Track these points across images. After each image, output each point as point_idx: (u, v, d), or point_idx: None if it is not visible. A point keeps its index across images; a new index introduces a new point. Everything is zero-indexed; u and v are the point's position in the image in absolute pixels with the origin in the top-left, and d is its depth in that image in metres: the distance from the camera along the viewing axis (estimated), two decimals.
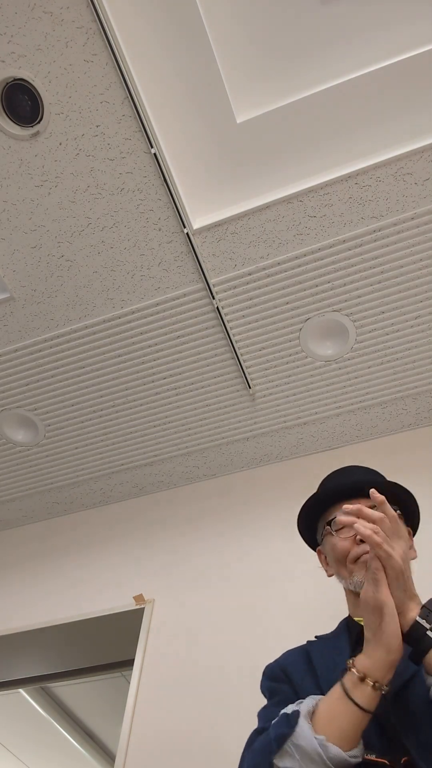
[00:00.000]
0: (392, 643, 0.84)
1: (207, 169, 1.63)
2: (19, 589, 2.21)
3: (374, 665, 0.84)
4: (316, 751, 0.79)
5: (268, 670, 1.09)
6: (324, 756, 0.78)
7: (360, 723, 0.82)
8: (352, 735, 0.81)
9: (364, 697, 0.82)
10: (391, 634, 0.84)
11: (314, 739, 0.80)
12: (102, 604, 1.99)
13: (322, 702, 0.86)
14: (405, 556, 0.89)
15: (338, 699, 0.84)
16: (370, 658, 0.84)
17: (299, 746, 0.80)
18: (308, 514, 1.22)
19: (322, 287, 1.78)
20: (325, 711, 0.84)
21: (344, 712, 0.82)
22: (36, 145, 1.52)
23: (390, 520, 0.89)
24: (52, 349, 1.93)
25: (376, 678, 0.83)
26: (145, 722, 1.61)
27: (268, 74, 1.50)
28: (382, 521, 0.88)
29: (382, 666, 0.83)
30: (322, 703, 0.86)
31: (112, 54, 1.36)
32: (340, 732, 0.81)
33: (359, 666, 0.84)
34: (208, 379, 1.98)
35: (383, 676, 0.83)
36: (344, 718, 0.82)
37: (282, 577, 1.80)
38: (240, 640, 1.69)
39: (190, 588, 1.90)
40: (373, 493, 0.91)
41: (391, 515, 0.90)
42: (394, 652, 0.84)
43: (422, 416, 2.06)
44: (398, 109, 1.53)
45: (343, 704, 0.83)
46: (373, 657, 0.84)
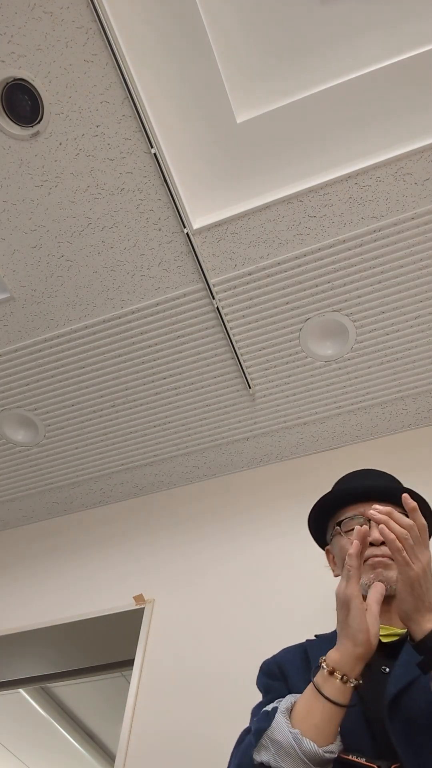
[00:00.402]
0: (358, 636, 0.85)
1: (207, 169, 1.63)
2: (19, 589, 2.21)
3: (342, 659, 0.85)
4: (290, 744, 0.80)
5: (264, 666, 1.10)
6: (298, 749, 0.79)
7: (332, 717, 0.83)
8: (326, 730, 0.82)
9: (334, 691, 0.83)
10: (357, 628, 0.85)
11: (289, 733, 0.81)
12: (102, 604, 1.99)
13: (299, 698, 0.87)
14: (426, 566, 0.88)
15: (311, 694, 0.85)
16: (338, 652, 0.86)
17: (274, 740, 0.82)
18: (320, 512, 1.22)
19: (322, 287, 1.78)
20: (301, 707, 0.85)
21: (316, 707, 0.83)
22: (36, 145, 1.52)
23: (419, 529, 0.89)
24: (52, 349, 1.93)
25: (344, 671, 0.84)
26: (145, 722, 1.61)
27: (268, 74, 1.50)
28: (411, 529, 0.88)
29: (350, 659, 0.84)
30: (299, 699, 0.87)
31: (112, 54, 1.36)
32: (314, 727, 0.82)
33: (329, 660, 0.86)
34: (208, 379, 1.98)
35: (351, 668, 0.84)
36: (317, 713, 0.83)
37: (282, 577, 1.80)
38: (240, 639, 1.69)
39: (190, 588, 1.90)
40: (406, 499, 0.92)
41: (421, 524, 0.90)
42: (360, 644, 0.84)
43: (422, 416, 2.06)
44: (398, 109, 1.53)
45: (315, 699, 0.84)
46: (340, 650, 0.86)
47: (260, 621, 1.72)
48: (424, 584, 0.87)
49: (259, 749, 0.83)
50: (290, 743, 0.80)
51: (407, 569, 0.86)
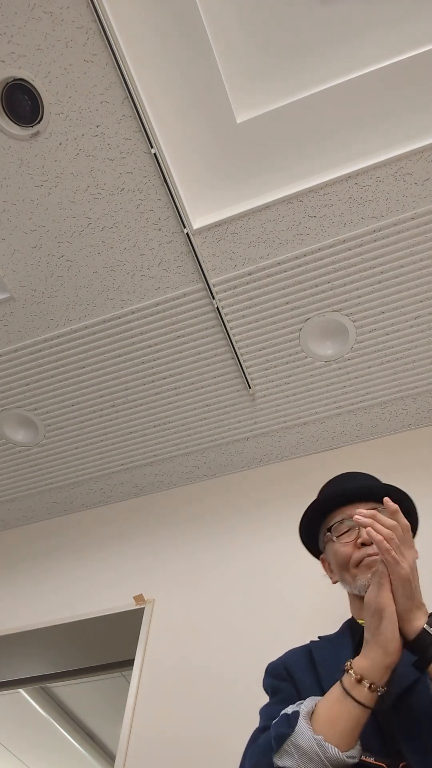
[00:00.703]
0: (390, 645, 0.85)
1: (207, 170, 1.63)
2: (19, 589, 2.21)
3: (372, 667, 0.84)
4: (314, 750, 0.80)
5: (270, 668, 1.10)
6: (322, 756, 0.79)
7: (357, 723, 0.83)
8: (349, 735, 0.82)
9: (362, 698, 0.83)
10: (390, 637, 0.85)
11: (313, 739, 0.81)
12: (102, 604, 1.99)
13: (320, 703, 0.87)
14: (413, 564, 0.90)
15: (336, 699, 0.85)
16: (367, 660, 0.85)
17: (298, 746, 0.81)
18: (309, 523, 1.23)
19: (322, 287, 1.78)
20: (324, 711, 0.85)
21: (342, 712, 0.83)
22: (36, 145, 1.52)
23: (402, 529, 0.90)
24: (52, 349, 1.93)
25: (372, 680, 0.84)
26: (145, 722, 1.61)
27: (268, 74, 1.50)
28: (395, 529, 0.89)
29: (380, 668, 0.84)
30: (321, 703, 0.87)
31: (112, 54, 1.36)
32: (338, 732, 0.82)
33: (357, 667, 0.85)
34: (208, 379, 1.98)
35: (380, 677, 0.84)
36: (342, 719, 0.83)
37: (282, 576, 1.80)
38: (240, 639, 1.69)
39: (190, 588, 1.90)
40: (387, 502, 0.93)
41: (404, 524, 0.91)
42: (391, 654, 0.84)
43: (422, 416, 2.06)
44: (398, 109, 1.53)
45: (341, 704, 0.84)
46: (370, 658, 0.85)
47: (260, 621, 1.72)
48: (413, 582, 0.88)
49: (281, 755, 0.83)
50: (314, 750, 0.80)
51: (397, 568, 0.87)
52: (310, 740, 0.81)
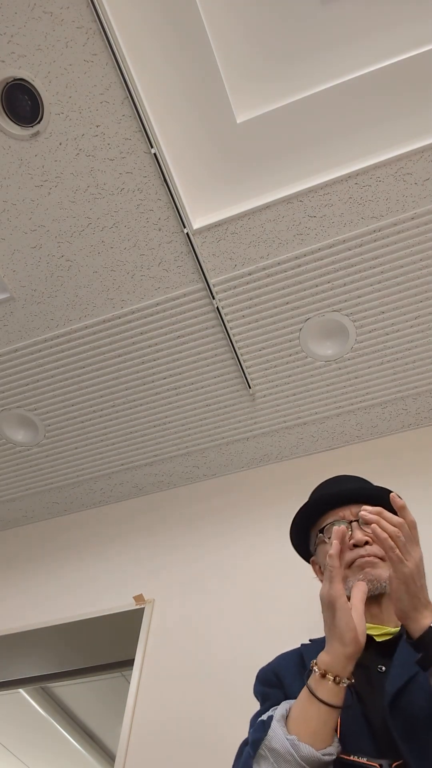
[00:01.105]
0: (345, 635, 0.85)
1: (207, 169, 1.63)
2: (19, 589, 2.21)
3: (332, 660, 0.85)
4: (288, 751, 0.80)
5: (261, 674, 1.10)
6: (296, 755, 0.79)
7: (328, 720, 0.83)
8: (323, 733, 0.82)
9: (328, 693, 0.83)
10: (344, 628, 0.85)
11: (286, 739, 0.81)
12: (102, 604, 1.99)
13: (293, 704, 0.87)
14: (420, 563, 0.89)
15: (305, 698, 0.85)
16: (328, 654, 0.86)
17: (272, 748, 0.82)
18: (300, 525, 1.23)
19: (322, 287, 1.78)
20: (296, 712, 0.85)
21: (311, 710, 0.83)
22: (36, 145, 1.52)
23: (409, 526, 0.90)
24: (52, 349, 1.93)
25: (336, 672, 0.84)
26: (145, 722, 1.61)
27: (268, 74, 1.50)
28: (402, 526, 0.89)
29: (340, 659, 0.85)
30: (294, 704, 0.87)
31: (112, 54, 1.36)
32: (311, 731, 0.82)
33: (320, 662, 0.86)
34: (208, 379, 1.98)
35: (342, 668, 0.84)
36: (312, 717, 0.83)
37: (282, 576, 1.80)
38: (240, 639, 1.69)
39: (190, 588, 1.90)
40: (394, 498, 0.92)
41: (410, 521, 0.91)
42: (349, 644, 0.85)
43: (422, 416, 2.06)
44: (398, 109, 1.53)
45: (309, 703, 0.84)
46: (330, 652, 0.86)
47: (260, 621, 1.72)
48: (419, 581, 0.88)
49: (258, 760, 0.83)
50: (288, 750, 0.80)
51: (401, 566, 0.87)
52: (283, 741, 0.81)
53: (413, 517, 0.91)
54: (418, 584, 0.88)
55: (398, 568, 0.87)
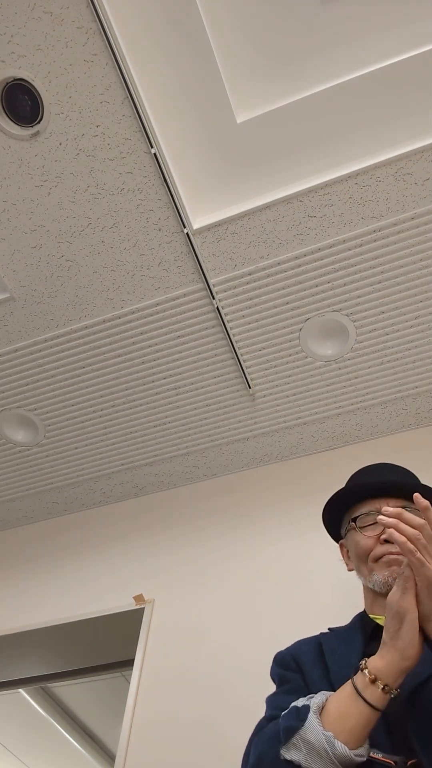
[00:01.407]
0: (408, 650, 0.84)
1: (207, 169, 1.63)
2: (19, 589, 2.21)
3: (387, 669, 0.84)
4: (323, 746, 0.79)
5: (278, 657, 1.09)
6: (330, 752, 0.79)
7: (368, 722, 0.82)
8: (359, 733, 0.82)
9: (374, 698, 0.83)
10: (408, 642, 0.84)
11: (322, 734, 0.81)
12: (102, 604, 1.99)
13: (332, 699, 0.86)
14: None
15: (348, 697, 0.84)
16: (384, 661, 0.85)
17: (307, 740, 0.81)
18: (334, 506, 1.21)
19: (322, 287, 1.78)
20: (335, 708, 0.84)
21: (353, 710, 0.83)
22: (36, 145, 1.52)
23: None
24: (52, 349, 1.93)
25: (387, 681, 0.83)
26: (145, 722, 1.61)
27: (268, 74, 1.50)
28: (423, 528, 0.86)
29: (395, 671, 0.84)
30: (332, 700, 0.86)
31: (112, 54, 1.36)
32: (348, 730, 0.81)
33: (372, 667, 0.85)
34: (208, 379, 1.98)
35: (394, 680, 0.84)
36: (353, 717, 0.82)
37: (282, 576, 1.80)
38: (240, 639, 1.69)
39: (190, 588, 1.90)
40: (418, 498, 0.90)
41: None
42: (408, 659, 0.84)
43: (422, 416, 2.06)
44: (398, 109, 1.53)
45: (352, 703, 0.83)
46: (386, 660, 0.85)
47: (260, 620, 1.72)
48: None
49: (289, 748, 0.83)
50: (323, 745, 0.79)
51: (423, 570, 0.84)
52: (319, 736, 0.81)
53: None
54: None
55: (420, 572, 0.85)
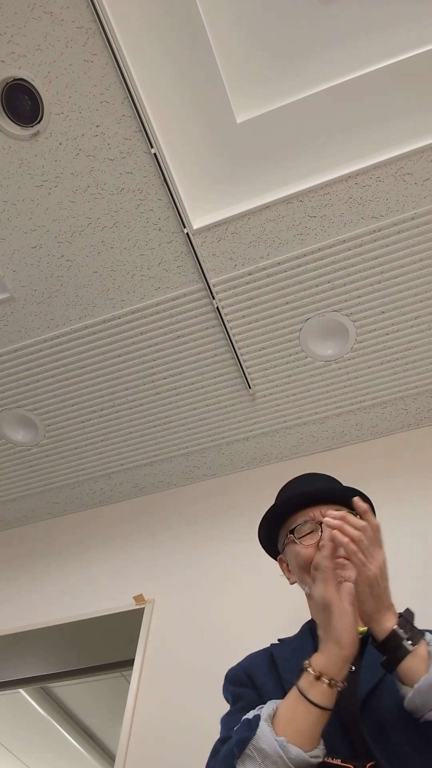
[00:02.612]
0: (343, 638, 0.85)
1: (207, 169, 1.63)
2: (19, 589, 2.21)
3: (328, 662, 0.85)
4: (277, 752, 0.79)
5: (230, 674, 1.09)
6: (285, 757, 0.79)
7: (318, 722, 0.83)
8: (311, 735, 0.82)
9: (320, 695, 0.83)
10: (341, 631, 0.85)
11: (275, 740, 0.80)
12: (102, 604, 1.99)
13: (281, 704, 0.86)
14: (383, 565, 0.90)
15: (296, 700, 0.84)
16: (324, 656, 0.86)
17: (260, 749, 0.81)
18: (269, 524, 1.23)
19: (322, 287, 1.78)
20: (285, 713, 0.84)
21: (302, 712, 0.83)
22: (36, 145, 1.52)
23: (372, 529, 0.91)
24: (52, 349, 1.93)
25: (331, 675, 0.84)
26: (145, 722, 1.61)
27: (268, 74, 1.50)
28: (365, 530, 0.90)
29: (337, 662, 0.85)
30: (282, 705, 0.86)
31: (112, 54, 1.36)
32: (300, 732, 0.81)
33: (314, 664, 0.86)
34: (208, 379, 1.98)
35: (338, 672, 0.84)
36: (302, 718, 0.82)
37: (282, 576, 1.80)
38: (240, 639, 1.69)
39: (190, 588, 1.90)
40: (358, 502, 0.93)
41: (374, 525, 0.92)
42: (346, 647, 0.85)
43: (422, 416, 2.06)
44: (398, 109, 1.53)
45: (300, 705, 0.84)
46: (326, 654, 0.86)
47: (260, 620, 1.72)
48: (382, 583, 0.89)
49: (244, 760, 0.82)
50: (277, 752, 0.79)
51: (365, 570, 0.88)
52: (272, 742, 0.80)
53: (377, 521, 0.92)
54: (381, 586, 0.89)
55: (362, 571, 0.88)
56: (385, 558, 0.91)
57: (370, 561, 0.88)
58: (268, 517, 1.23)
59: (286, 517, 1.21)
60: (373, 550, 0.90)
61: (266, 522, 1.24)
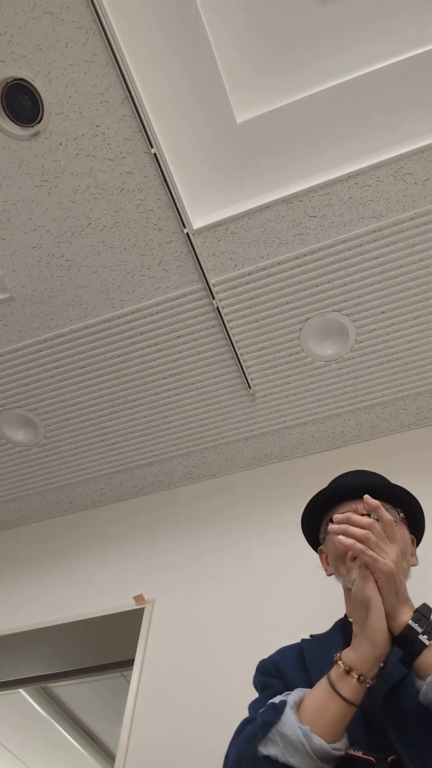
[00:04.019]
0: (377, 637, 0.85)
1: (207, 169, 1.63)
2: (19, 589, 2.21)
3: (360, 659, 0.85)
4: (300, 740, 0.80)
5: (261, 665, 1.10)
6: (307, 745, 0.79)
7: (344, 715, 0.83)
8: (336, 727, 0.82)
9: (349, 690, 0.83)
10: (377, 629, 0.85)
11: (299, 728, 0.81)
12: (102, 604, 1.99)
13: (308, 694, 0.87)
14: (397, 560, 0.89)
15: (324, 691, 0.85)
16: (356, 652, 0.86)
17: (284, 735, 0.82)
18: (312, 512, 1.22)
19: (322, 287, 1.78)
20: (311, 702, 0.85)
21: (329, 704, 0.83)
22: (36, 145, 1.52)
23: (384, 525, 0.90)
24: (52, 349, 1.93)
25: (361, 671, 0.84)
26: (145, 722, 1.61)
27: (269, 74, 1.50)
28: (372, 527, 0.89)
29: (368, 660, 0.84)
30: (309, 695, 0.87)
31: (112, 54, 1.36)
32: (325, 723, 0.82)
33: (345, 659, 0.86)
34: (208, 379, 1.98)
35: (369, 669, 0.84)
36: (329, 710, 0.83)
37: (282, 576, 1.80)
38: (240, 639, 1.69)
39: (190, 588, 1.90)
40: (367, 499, 0.93)
41: (386, 520, 0.91)
42: (379, 646, 0.85)
43: (422, 416, 2.06)
44: (398, 108, 1.53)
45: (328, 696, 0.84)
46: (359, 650, 0.86)
47: (260, 621, 1.72)
48: (397, 577, 0.88)
49: (266, 743, 0.83)
50: (300, 739, 0.80)
51: (378, 565, 0.87)
52: (296, 729, 0.81)
53: (389, 516, 0.91)
54: (396, 581, 0.88)
55: (377, 568, 0.87)
56: (398, 553, 0.90)
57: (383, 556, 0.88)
58: (312, 504, 1.22)
59: (329, 507, 1.19)
60: (385, 545, 0.89)
61: (309, 509, 1.23)
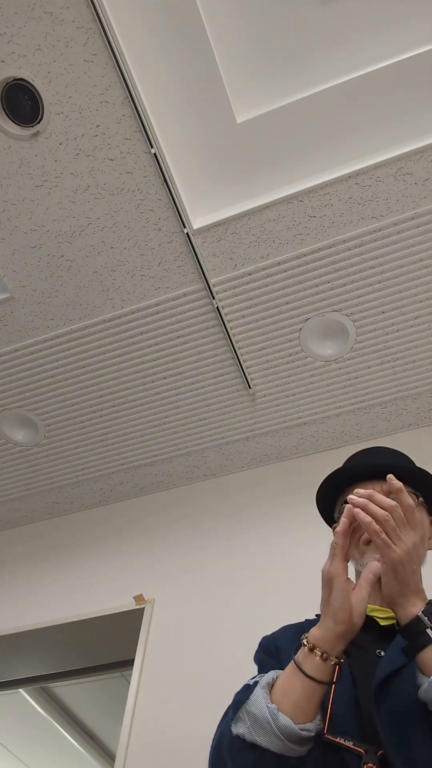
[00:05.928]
0: (338, 614, 0.83)
1: (207, 169, 1.63)
2: (19, 589, 2.21)
3: (323, 636, 0.84)
4: (266, 718, 0.79)
5: (263, 642, 1.10)
6: (273, 724, 0.78)
7: (312, 694, 0.82)
8: (304, 707, 0.81)
9: (313, 667, 0.82)
10: (338, 606, 0.83)
11: (266, 707, 0.80)
12: (102, 604, 1.99)
13: (280, 674, 0.87)
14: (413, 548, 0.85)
15: (290, 670, 0.85)
16: (319, 629, 0.85)
17: (251, 712, 0.82)
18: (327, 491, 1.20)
19: (322, 287, 1.78)
20: (281, 682, 0.85)
21: (295, 682, 0.83)
22: (36, 145, 1.52)
23: (405, 509, 0.86)
24: (52, 349, 1.93)
25: (324, 648, 0.83)
26: (145, 722, 1.61)
27: (268, 74, 1.50)
28: (393, 510, 0.85)
29: (330, 637, 0.83)
30: (280, 675, 0.86)
31: (112, 54, 1.36)
32: (292, 703, 0.81)
33: (309, 637, 0.85)
34: (208, 379, 1.98)
35: (332, 646, 0.83)
36: (296, 689, 0.82)
37: (283, 576, 1.80)
38: (240, 639, 1.69)
39: (190, 588, 1.90)
40: (391, 479, 0.88)
41: (406, 504, 0.86)
42: (340, 623, 0.83)
43: (422, 416, 2.06)
44: (398, 109, 1.53)
45: (294, 675, 0.83)
46: (321, 628, 0.85)
47: (259, 620, 1.72)
48: (409, 567, 0.84)
49: (236, 721, 0.83)
50: (266, 717, 0.79)
51: (389, 551, 0.84)
52: (262, 708, 0.80)
53: (411, 501, 0.87)
54: (408, 570, 0.84)
55: (385, 553, 0.84)
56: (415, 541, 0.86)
57: (396, 542, 0.84)
58: (327, 483, 1.19)
59: (345, 486, 1.16)
60: (402, 531, 0.85)
61: (324, 488, 1.20)
